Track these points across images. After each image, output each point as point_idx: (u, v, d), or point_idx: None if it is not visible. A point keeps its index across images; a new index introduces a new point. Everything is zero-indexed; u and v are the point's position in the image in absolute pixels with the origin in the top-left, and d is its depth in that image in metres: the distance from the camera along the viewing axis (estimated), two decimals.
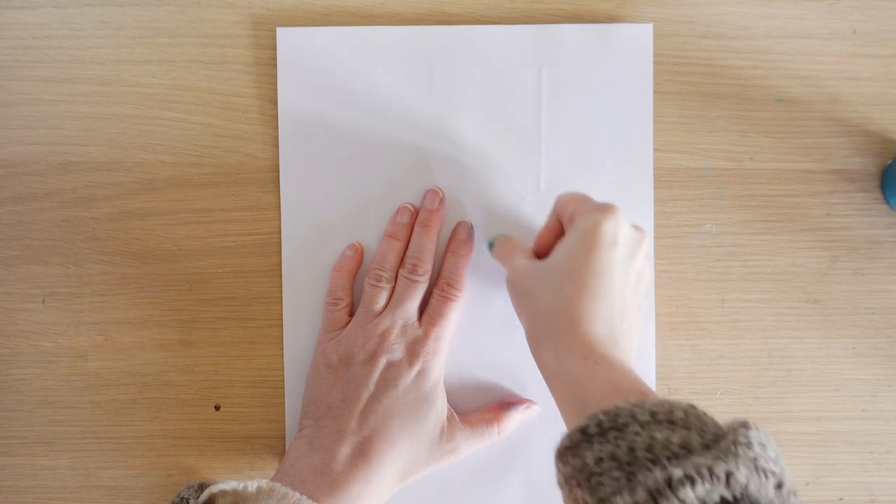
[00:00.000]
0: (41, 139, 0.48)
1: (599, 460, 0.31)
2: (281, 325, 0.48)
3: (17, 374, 0.48)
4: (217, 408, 0.48)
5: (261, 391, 0.48)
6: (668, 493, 0.28)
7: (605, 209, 0.39)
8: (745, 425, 0.31)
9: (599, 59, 0.47)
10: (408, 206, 0.47)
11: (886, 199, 0.48)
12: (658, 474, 0.29)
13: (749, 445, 0.29)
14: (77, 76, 0.48)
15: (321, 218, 0.48)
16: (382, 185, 0.48)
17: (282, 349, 0.48)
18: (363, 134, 0.48)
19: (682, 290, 0.48)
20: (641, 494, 0.28)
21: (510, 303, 0.43)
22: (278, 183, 0.48)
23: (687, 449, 0.30)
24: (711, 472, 0.28)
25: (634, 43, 0.47)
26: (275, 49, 0.47)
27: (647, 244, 0.41)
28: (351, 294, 0.47)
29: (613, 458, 0.31)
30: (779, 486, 0.29)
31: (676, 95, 0.48)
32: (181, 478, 0.48)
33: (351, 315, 0.47)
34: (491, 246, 0.47)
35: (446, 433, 0.45)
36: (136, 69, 0.48)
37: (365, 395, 0.44)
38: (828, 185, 0.48)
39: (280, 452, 0.48)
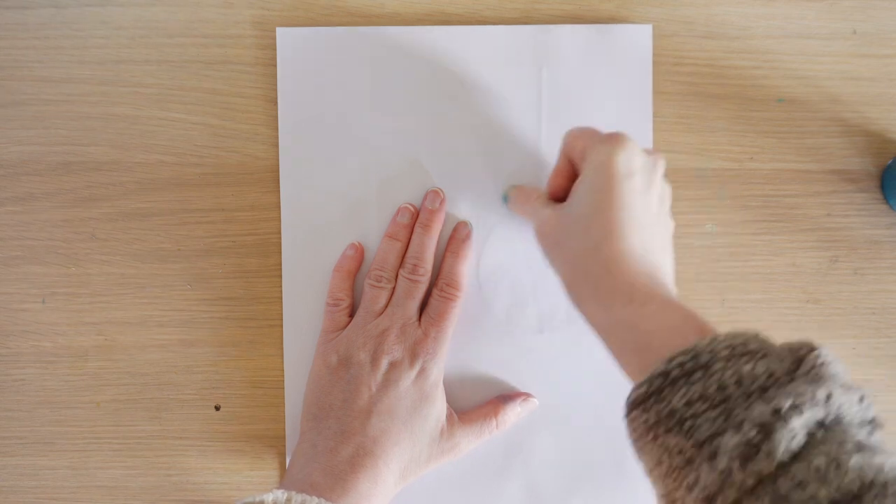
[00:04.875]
0: (41, 139, 0.48)
1: (689, 402, 0.30)
2: (281, 325, 0.48)
3: (17, 374, 0.48)
4: (217, 408, 0.48)
5: (261, 391, 0.48)
6: (779, 424, 0.27)
7: (614, 140, 0.38)
8: (814, 346, 0.30)
9: (599, 59, 0.47)
10: (408, 206, 0.47)
11: (886, 199, 0.48)
12: (763, 407, 0.28)
13: (830, 364, 0.30)
14: (77, 76, 0.48)
15: (321, 218, 0.48)
16: (382, 185, 0.48)
17: (282, 349, 0.48)
18: (363, 134, 0.48)
19: (682, 290, 0.48)
20: (750, 431, 0.28)
21: (509, 302, 0.43)
22: (278, 183, 0.48)
23: (774, 377, 0.29)
24: (814, 396, 0.28)
25: (634, 43, 0.47)
26: (275, 49, 0.47)
27: (662, 164, 0.41)
28: (351, 295, 0.47)
29: (704, 398, 0.30)
30: (861, 399, 0.30)
31: (676, 95, 0.48)
32: (181, 478, 0.48)
33: (351, 316, 0.47)
34: (505, 199, 0.46)
35: (446, 431, 0.45)
36: (136, 69, 0.48)
37: (366, 396, 0.44)
38: (828, 185, 0.48)
39: (280, 452, 0.48)
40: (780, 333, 0.48)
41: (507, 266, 0.48)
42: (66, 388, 0.48)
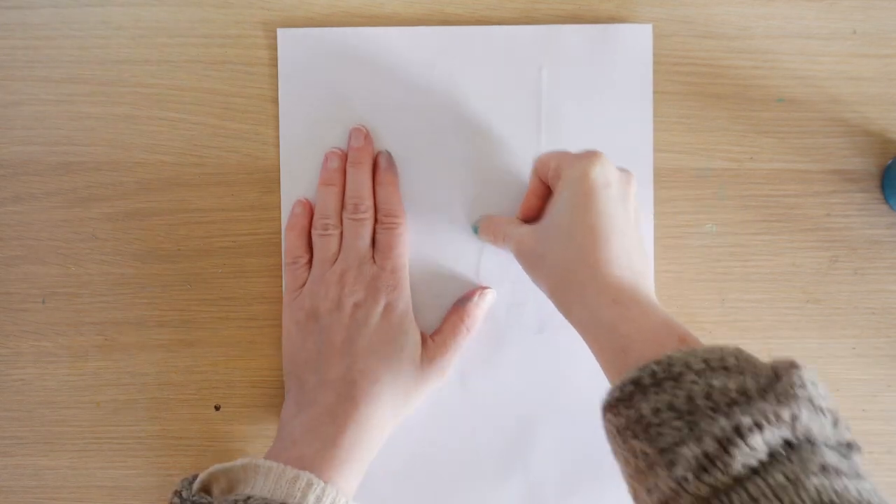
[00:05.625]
0: (41, 139, 0.48)
1: (657, 410, 0.31)
2: (281, 325, 0.48)
3: (17, 374, 0.48)
4: (217, 408, 0.48)
5: (261, 391, 0.48)
6: (738, 440, 0.28)
7: (589, 156, 0.39)
8: (794, 366, 0.31)
9: (599, 59, 0.47)
10: (335, 150, 0.47)
11: (886, 199, 0.48)
12: (724, 422, 0.28)
13: (804, 386, 0.30)
14: (77, 76, 0.48)
15: None
16: None
17: (282, 349, 0.48)
18: None
19: (682, 290, 0.48)
20: (710, 444, 0.28)
21: (509, 302, 0.43)
22: (278, 183, 0.48)
23: (745, 394, 0.30)
24: (778, 416, 0.28)
25: (634, 43, 0.47)
26: (275, 49, 0.47)
27: (635, 182, 0.42)
28: (308, 250, 0.47)
29: (672, 407, 0.30)
30: (835, 423, 0.30)
31: (676, 95, 0.48)
32: (181, 478, 0.48)
33: None
34: (476, 230, 0.47)
35: (425, 357, 0.45)
36: (136, 69, 0.48)
37: (338, 341, 0.44)
38: (828, 185, 0.48)
39: None
40: (780, 333, 0.48)
41: (507, 266, 0.48)
42: (66, 388, 0.48)
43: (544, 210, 0.43)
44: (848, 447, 0.30)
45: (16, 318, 0.48)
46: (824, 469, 0.28)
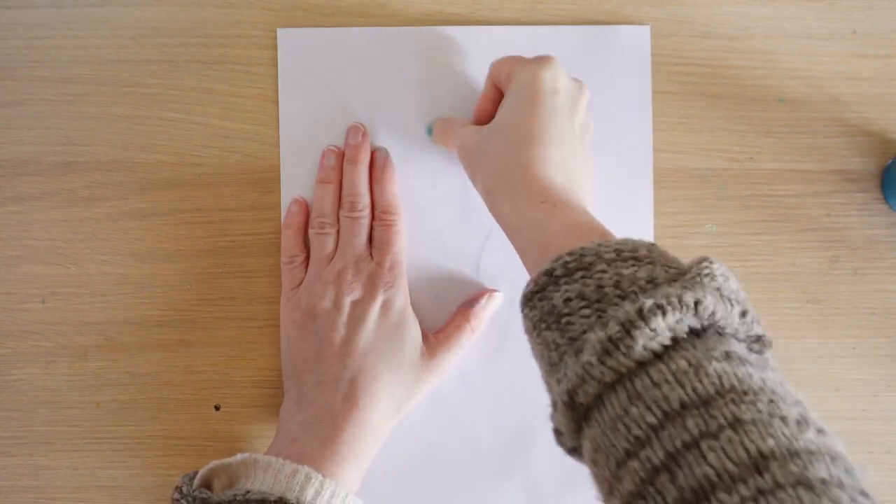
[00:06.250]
0: (41, 139, 0.48)
1: (568, 300, 0.31)
2: (280, 325, 0.48)
3: (17, 374, 0.48)
4: (217, 408, 0.48)
5: (261, 391, 0.48)
6: (640, 322, 0.28)
7: (541, 60, 0.40)
8: (705, 258, 0.31)
9: (598, 59, 0.47)
10: (332, 148, 0.47)
11: (886, 199, 0.48)
12: (628, 306, 0.29)
13: (713, 276, 0.30)
14: (77, 76, 0.48)
15: None
16: None
17: (281, 349, 0.48)
18: None
19: None
20: (613, 327, 0.28)
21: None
22: (278, 183, 0.48)
23: (653, 283, 0.30)
24: (681, 300, 0.28)
25: (632, 44, 0.47)
26: (275, 49, 0.47)
27: (587, 95, 0.42)
28: (305, 249, 0.47)
29: (582, 296, 0.31)
30: (743, 313, 0.30)
31: (676, 95, 0.48)
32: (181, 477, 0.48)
33: None
34: (429, 131, 0.47)
35: (425, 354, 0.45)
36: (136, 69, 0.48)
37: (337, 340, 0.44)
38: (828, 185, 0.48)
39: None
40: (780, 333, 0.48)
41: (507, 266, 0.48)
42: (66, 388, 0.48)
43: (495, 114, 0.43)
44: (758, 341, 0.31)
45: (16, 318, 0.48)
46: (728, 356, 0.28)
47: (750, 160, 0.48)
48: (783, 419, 0.25)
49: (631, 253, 0.31)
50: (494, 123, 0.41)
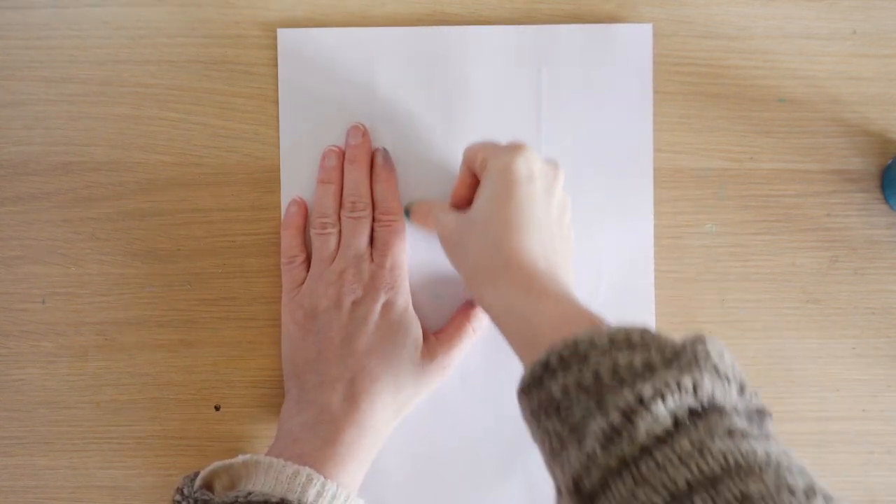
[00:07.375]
0: (41, 139, 0.48)
1: (566, 390, 0.31)
2: (281, 325, 0.48)
3: (17, 374, 0.48)
4: (217, 408, 0.48)
5: (261, 391, 0.48)
6: (641, 409, 0.28)
7: (514, 149, 0.40)
8: (699, 338, 0.31)
9: (599, 59, 0.47)
10: (333, 148, 0.47)
11: (886, 199, 0.48)
12: (628, 394, 0.29)
13: (708, 356, 0.30)
14: (77, 76, 0.48)
15: None
16: None
17: (281, 349, 0.48)
18: None
19: (682, 290, 0.48)
20: (614, 415, 0.29)
21: None
22: (278, 183, 0.48)
23: (650, 368, 0.30)
24: (679, 384, 0.29)
25: (634, 43, 0.47)
26: (275, 49, 0.47)
27: (562, 176, 0.42)
28: (305, 249, 0.47)
29: (580, 385, 0.31)
30: (741, 389, 0.30)
31: (676, 95, 0.48)
32: (181, 477, 0.48)
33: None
34: (407, 214, 0.47)
35: (426, 354, 0.45)
36: (136, 69, 0.48)
37: (338, 340, 0.44)
38: (828, 185, 0.48)
39: None
40: (780, 333, 0.48)
41: None
42: (66, 388, 0.48)
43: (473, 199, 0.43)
44: (759, 413, 0.31)
45: (16, 318, 0.48)
46: (731, 433, 0.28)
47: (750, 160, 0.48)
48: (791, 490, 0.25)
49: (624, 340, 0.32)
50: (472, 213, 0.41)
